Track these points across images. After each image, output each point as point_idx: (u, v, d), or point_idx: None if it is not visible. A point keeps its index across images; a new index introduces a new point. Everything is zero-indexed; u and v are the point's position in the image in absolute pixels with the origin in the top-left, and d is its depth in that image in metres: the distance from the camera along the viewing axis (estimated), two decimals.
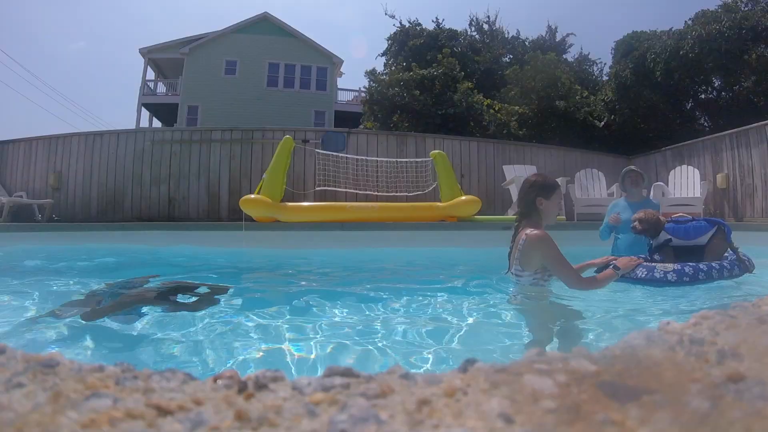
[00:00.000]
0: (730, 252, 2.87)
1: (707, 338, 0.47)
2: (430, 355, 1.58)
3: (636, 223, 3.03)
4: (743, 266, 2.75)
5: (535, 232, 2.13)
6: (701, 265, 2.65)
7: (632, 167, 3.86)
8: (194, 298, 2.41)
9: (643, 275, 2.62)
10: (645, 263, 2.71)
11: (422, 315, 2.16)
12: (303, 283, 3.23)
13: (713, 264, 2.69)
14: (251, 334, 1.78)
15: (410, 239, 4.85)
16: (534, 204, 2.25)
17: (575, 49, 18.68)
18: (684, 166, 7.30)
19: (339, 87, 22.00)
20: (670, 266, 2.63)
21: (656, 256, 3.04)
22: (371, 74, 13.15)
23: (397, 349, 1.64)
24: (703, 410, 0.33)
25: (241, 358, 1.56)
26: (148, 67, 20.68)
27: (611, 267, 2.35)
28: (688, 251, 2.94)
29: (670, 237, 2.98)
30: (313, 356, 1.55)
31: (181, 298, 2.41)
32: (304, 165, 7.33)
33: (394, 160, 6.85)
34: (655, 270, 2.61)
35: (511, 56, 15.62)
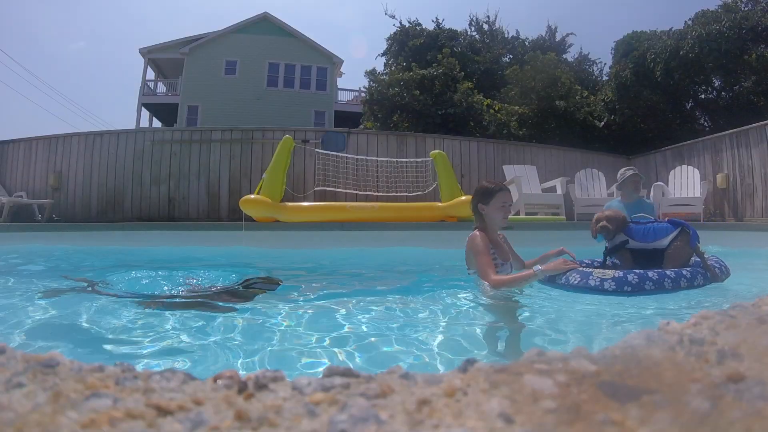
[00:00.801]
0: (702, 258, 2.48)
1: (707, 338, 0.47)
2: (429, 355, 1.58)
3: (603, 223, 2.66)
4: (712, 274, 2.40)
5: (473, 233, 2.38)
6: (650, 273, 2.26)
7: (634, 172, 3.73)
8: (201, 298, 2.41)
9: (576, 282, 2.26)
10: (581, 268, 2.35)
11: (422, 315, 2.16)
12: (302, 282, 3.23)
13: (667, 272, 2.30)
14: (252, 334, 1.78)
15: (410, 239, 4.85)
16: (477, 210, 2.46)
17: (575, 49, 18.77)
18: (684, 166, 7.30)
19: (339, 87, 22.04)
20: (609, 273, 2.26)
21: (614, 260, 2.73)
22: (371, 74, 13.16)
23: (396, 349, 1.64)
24: (703, 410, 0.33)
25: (241, 357, 1.56)
26: (148, 67, 20.71)
27: (533, 268, 2.26)
28: (646, 255, 2.61)
29: (627, 238, 2.65)
30: (313, 356, 1.55)
31: (190, 297, 2.41)
32: (304, 165, 7.34)
33: (394, 160, 6.86)
34: (591, 277, 2.25)
35: (511, 56, 15.65)
